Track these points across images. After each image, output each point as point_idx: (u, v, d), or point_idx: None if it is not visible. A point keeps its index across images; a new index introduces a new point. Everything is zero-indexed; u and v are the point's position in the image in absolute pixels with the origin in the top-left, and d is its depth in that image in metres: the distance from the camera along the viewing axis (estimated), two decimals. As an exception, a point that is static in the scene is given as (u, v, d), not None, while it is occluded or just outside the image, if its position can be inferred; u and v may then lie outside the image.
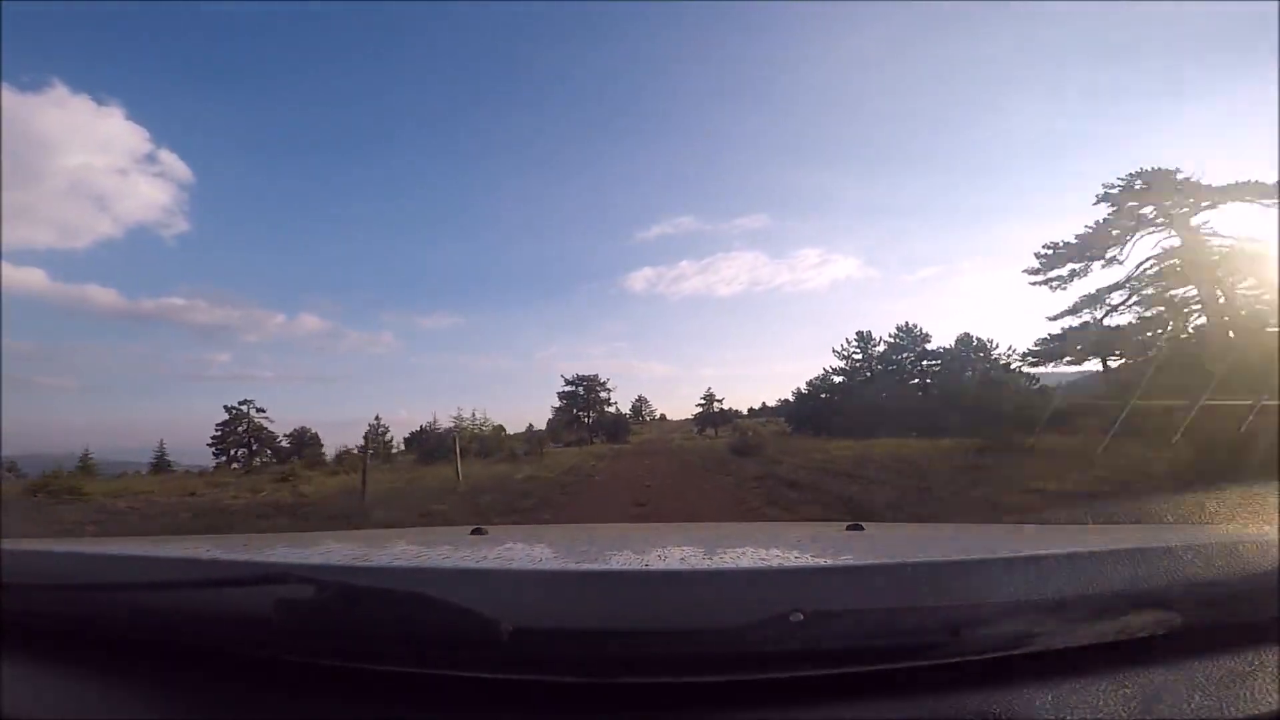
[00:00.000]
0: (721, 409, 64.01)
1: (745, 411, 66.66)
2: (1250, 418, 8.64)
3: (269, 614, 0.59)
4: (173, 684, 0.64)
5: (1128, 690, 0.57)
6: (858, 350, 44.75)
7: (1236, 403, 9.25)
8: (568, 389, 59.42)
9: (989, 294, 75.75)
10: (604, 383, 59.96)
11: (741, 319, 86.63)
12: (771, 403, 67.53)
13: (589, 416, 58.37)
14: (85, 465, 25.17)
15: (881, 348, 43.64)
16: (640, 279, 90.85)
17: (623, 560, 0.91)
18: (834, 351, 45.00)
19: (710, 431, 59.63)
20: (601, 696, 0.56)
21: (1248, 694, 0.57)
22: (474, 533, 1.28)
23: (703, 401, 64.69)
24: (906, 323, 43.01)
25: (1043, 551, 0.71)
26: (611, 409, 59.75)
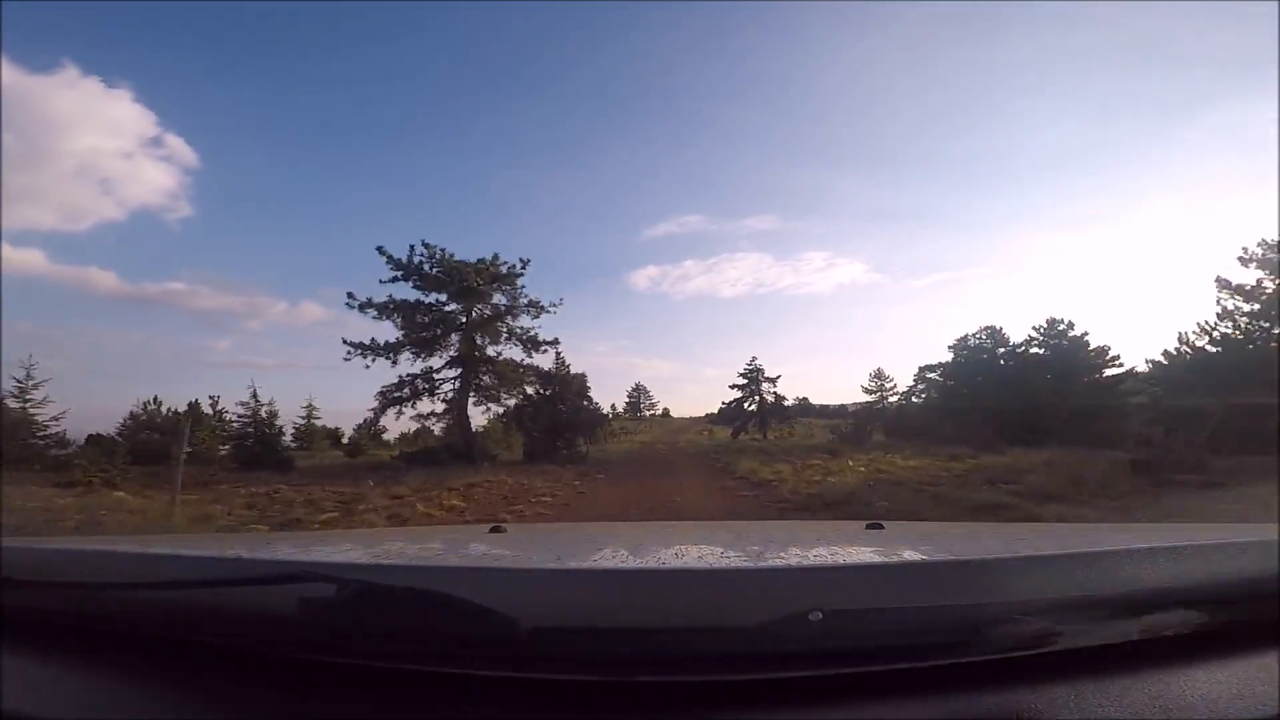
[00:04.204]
0: (776, 395, 35.20)
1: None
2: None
3: (291, 613, 0.60)
4: (193, 682, 0.65)
5: (1150, 689, 0.56)
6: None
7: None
8: (396, 281, 19.14)
9: (996, 301, 73.71)
10: (509, 278, 19.80)
11: (745, 320, 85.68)
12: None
13: (480, 380, 20.02)
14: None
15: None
16: (644, 277, 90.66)
17: (641, 559, 0.92)
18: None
19: (753, 431, 33.82)
20: (620, 695, 0.57)
21: (1271, 693, 0.56)
22: (492, 531, 1.30)
23: (742, 382, 35.62)
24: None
25: (1063, 551, 0.71)
26: (548, 362, 21.13)
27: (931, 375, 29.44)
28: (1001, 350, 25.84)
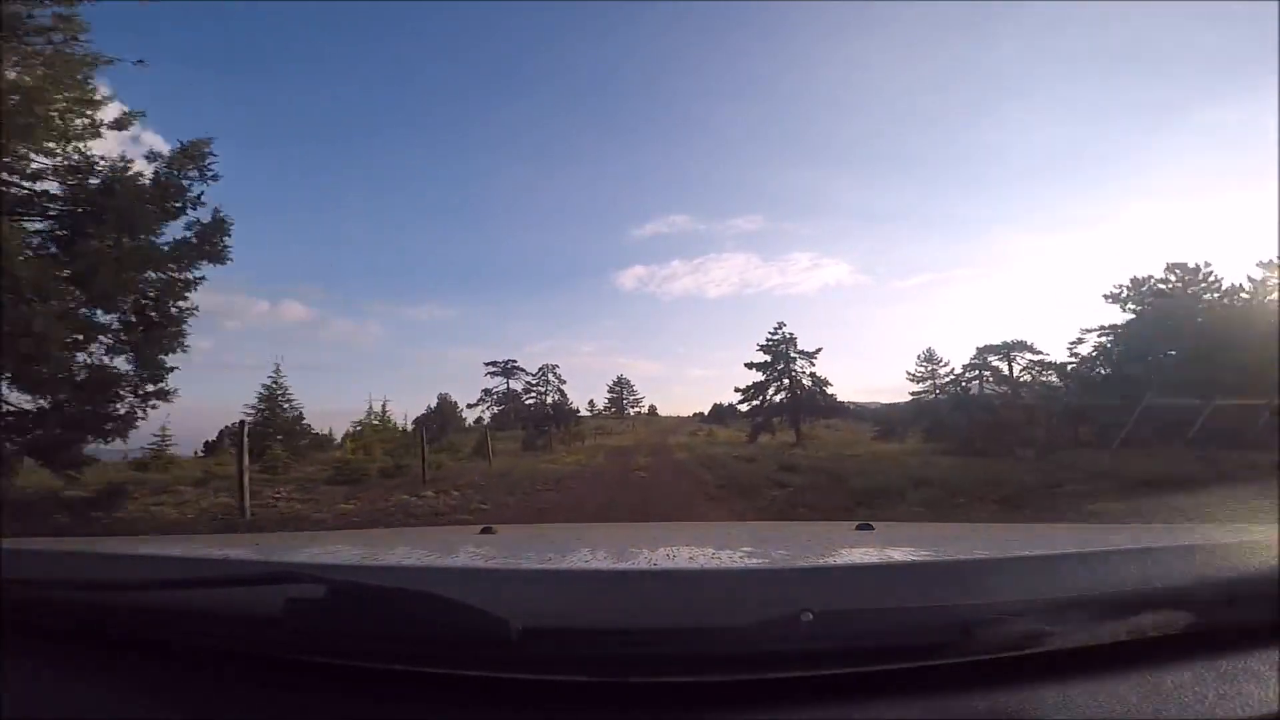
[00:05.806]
0: (814, 378, 25.18)
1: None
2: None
3: (279, 614, 0.60)
4: (182, 684, 0.64)
5: (1139, 690, 0.57)
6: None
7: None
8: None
9: (981, 303, 73.86)
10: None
11: (731, 320, 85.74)
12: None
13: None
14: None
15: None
16: (631, 277, 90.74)
17: (632, 559, 0.92)
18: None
19: (782, 430, 24.05)
20: (611, 696, 0.57)
21: (1258, 694, 0.57)
22: (483, 532, 1.29)
23: (764, 360, 25.89)
24: None
25: (1053, 551, 0.71)
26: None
27: (994, 358, 23.00)
28: (1208, 299, 16.28)
